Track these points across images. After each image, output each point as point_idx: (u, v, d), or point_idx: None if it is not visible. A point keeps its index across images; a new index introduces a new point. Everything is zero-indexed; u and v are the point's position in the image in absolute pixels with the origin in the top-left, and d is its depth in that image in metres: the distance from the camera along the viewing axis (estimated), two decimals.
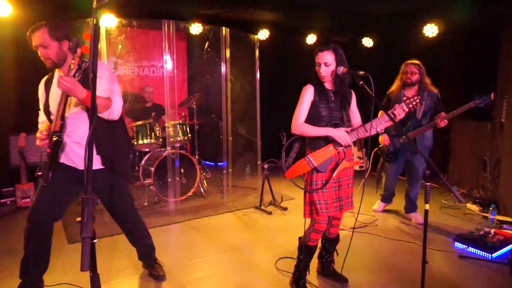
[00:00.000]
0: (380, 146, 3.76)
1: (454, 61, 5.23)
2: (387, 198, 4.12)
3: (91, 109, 1.23)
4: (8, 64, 4.69)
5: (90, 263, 0.94)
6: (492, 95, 3.11)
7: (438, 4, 4.94)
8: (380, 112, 3.22)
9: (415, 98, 2.22)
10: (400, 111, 2.21)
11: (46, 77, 2.33)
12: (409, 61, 3.64)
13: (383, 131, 2.38)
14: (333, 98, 2.33)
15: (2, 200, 4.51)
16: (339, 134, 2.23)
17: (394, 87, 3.76)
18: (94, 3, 1.26)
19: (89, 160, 1.07)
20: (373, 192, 4.28)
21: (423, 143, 3.60)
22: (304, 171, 2.32)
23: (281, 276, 2.67)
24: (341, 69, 2.23)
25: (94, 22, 1.26)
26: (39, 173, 2.15)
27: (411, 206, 3.89)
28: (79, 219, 0.97)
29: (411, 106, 2.23)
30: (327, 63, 2.23)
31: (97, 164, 2.17)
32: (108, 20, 4.44)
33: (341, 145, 2.26)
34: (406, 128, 3.52)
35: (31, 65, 4.96)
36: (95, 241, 1.00)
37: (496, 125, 4.48)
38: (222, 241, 3.35)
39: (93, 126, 1.17)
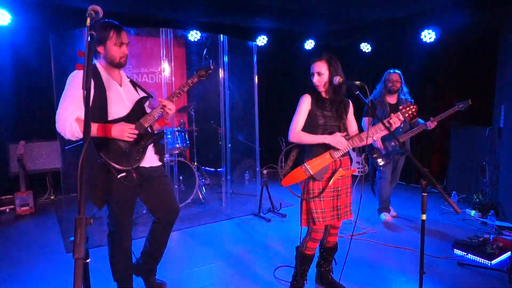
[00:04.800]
0: (371, 150, 3.84)
1: (452, 66, 5.24)
2: (387, 208, 4.11)
3: (85, 124, 1.22)
4: (7, 72, 4.72)
5: (83, 283, 0.94)
6: (470, 101, 3.46)
7: (435, 10, 4.97)
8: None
9: (411, 107, 2.23)
10: (396, 120, 2.22)
11: (85, 69, 2.04)
12: (392, 70, 3.84)
13: (379, 139, 2.39)
14: (329, 107, 2.35)
15: (1, 208, 4.51)
16: (335, 139, 2.24)
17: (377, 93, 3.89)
18: (88, 21, 1.25)
19: (81, 179, 1.06)
20: (371, 197, 4.27)
21: (408, 146, 3.91)
22: (301, 179, 2.32)
23: (280, 285, 2.67)
24: (337, 79, 2.25)
25: (88, 40, 1.25)
26: (123, 175, 2.12)
27: None
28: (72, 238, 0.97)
29: (407, 115, 2.24)
30: (320, 73, 2.29)
31: (156, 161, 2.43)
32: None
33: (338, 152, 2.27)
34: (397, 131, 3.62)
35: (29, 73, 5.03)
36: (88, 260, 1.00)
37: (494, 131, 4.48)
38: (220, 250, 3.35)
39: (87, 144, 1.16)
